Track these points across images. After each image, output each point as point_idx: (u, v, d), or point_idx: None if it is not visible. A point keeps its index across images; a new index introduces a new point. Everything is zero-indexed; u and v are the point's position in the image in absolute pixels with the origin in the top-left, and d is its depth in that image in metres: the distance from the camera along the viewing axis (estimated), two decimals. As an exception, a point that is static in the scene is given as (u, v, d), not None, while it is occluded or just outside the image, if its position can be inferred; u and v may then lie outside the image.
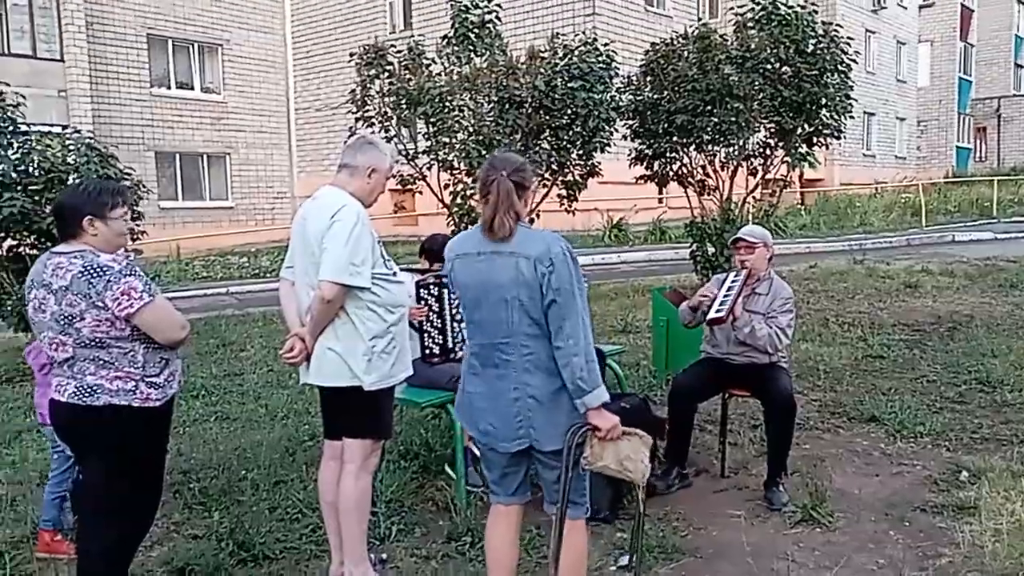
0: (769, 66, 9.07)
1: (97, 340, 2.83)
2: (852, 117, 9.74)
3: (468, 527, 3.88)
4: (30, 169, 7.55)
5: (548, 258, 2.67)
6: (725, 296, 4.37)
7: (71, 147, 7.81)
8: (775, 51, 9.02)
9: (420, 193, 9.55)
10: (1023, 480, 4.23)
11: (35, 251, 7.49)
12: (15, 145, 7.69)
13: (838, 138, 9.73)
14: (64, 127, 10.91)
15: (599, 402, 2.70)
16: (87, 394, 2.85)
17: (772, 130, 9.69)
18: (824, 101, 9.21)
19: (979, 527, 3.80)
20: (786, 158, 9.60)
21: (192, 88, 22.67)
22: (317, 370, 3.33)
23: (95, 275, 2.79)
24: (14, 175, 7.42)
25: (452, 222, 8.68)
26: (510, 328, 2.75)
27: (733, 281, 4.44)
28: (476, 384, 2.89)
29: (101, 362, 2.85)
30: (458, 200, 8.63)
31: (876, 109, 32.99)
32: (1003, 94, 42.75)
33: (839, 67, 9.23)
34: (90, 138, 8.30)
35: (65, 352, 2.85)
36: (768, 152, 9.92)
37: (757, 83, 9.08)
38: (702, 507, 4.25)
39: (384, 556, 3.75)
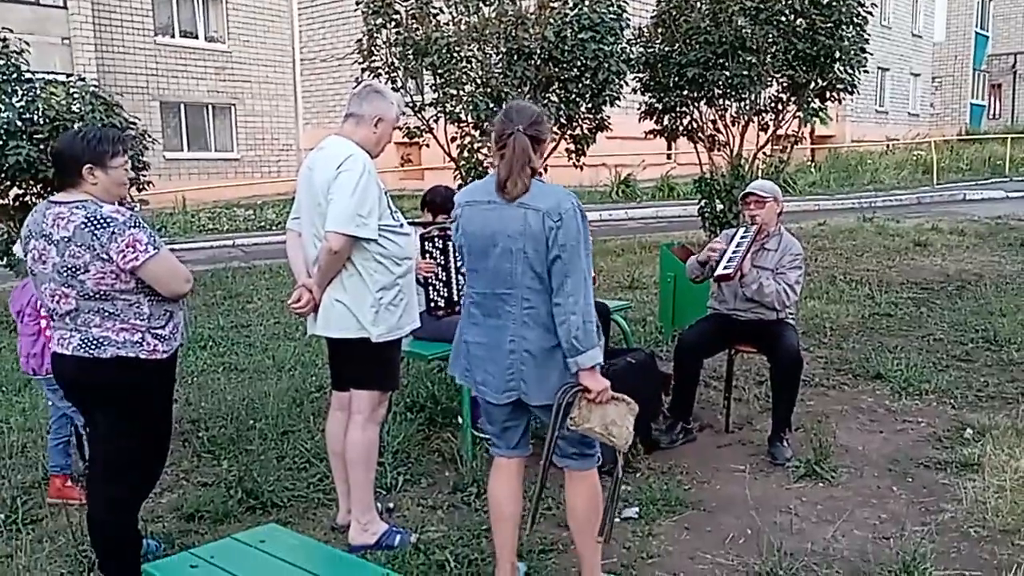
0: (783, 18, 8.89)
1: (102, 292, 2.77)
2: (866, 71, 9.57)
3: (474, 478, 3.92)
4: (35, 117, 7.49)
5: (558, 213, 2.64)
6: (734, 252, 4.34)
7: (76, 95, 7.74)
8: (790, 2, 8.83)
9: (427, 146, 9.43)
10: (1027, 438, 4.25)
11: (40, 200, 7.47)
12: (19, 93, 7.62)
13: (852, 93, 9.57)
14: (68, 75, 10.77)
15: (592, 363, 2.68)
16: (93, 346, 2.80)
17: (784, 84, 9.53)
18: (838, 54, 9.04)
19: (982, 483, 3.82)
20: (798, 113, 9.47)
21: (196, 37, 22.37)
22: (324, 321, 3.32)
23: (99, 226, 2.72)
24: (19, 123, 7.36)
25: (459, 176, 8.60)
26: (513, 280, 2.73)
27: (742, 238, 4.40)
28: (476, 334, 2.88)
29: (106, 314, 2.80)
30: (465, 153, 8.54)
31: (890, 64, 32.43)
32: (1019, 50, 41.84)
33: (855, 19, 9.04)
34: (95, 86, 8.22)
35: (68, 304, 2.79)
36: (780, 107, 9.78)
37: (771, 35, 8.90)
38: (706, 461, 4.28)
39: (391, 505, 3.80)
